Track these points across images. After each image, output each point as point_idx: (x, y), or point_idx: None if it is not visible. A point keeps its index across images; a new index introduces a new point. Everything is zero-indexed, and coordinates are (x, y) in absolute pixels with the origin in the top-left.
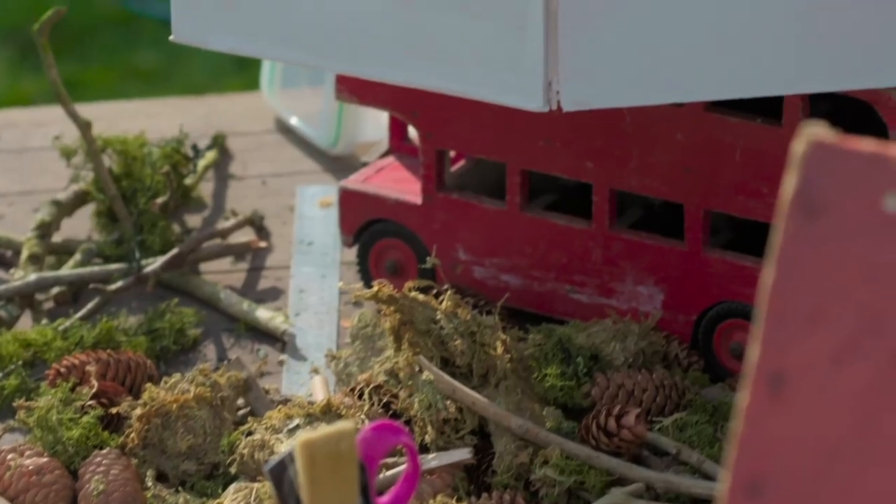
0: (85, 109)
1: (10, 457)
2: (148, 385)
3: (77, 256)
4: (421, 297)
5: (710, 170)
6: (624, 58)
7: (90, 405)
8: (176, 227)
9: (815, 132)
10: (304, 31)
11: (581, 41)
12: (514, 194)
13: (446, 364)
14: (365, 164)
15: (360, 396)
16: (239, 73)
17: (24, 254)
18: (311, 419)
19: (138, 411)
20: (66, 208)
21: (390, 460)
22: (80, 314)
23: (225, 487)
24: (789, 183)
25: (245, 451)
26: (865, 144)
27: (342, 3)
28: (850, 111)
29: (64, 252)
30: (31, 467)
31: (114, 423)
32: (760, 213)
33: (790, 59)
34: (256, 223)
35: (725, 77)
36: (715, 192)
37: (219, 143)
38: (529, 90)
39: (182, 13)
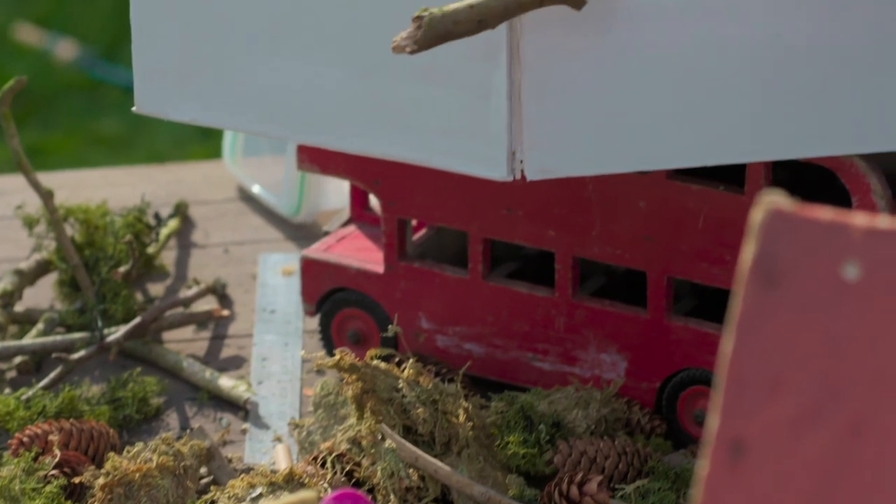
0: (47, 178)
1: None
2: (111, 454)
3: (39, 325)
4: (383, 365)
5: (672, 237)
6: (587, 127)
7: (53, 475)
8: (138, 296)
9: (773, 201)
10: (265, 101)
11: (544, 111)
12: (477, 263)
13: (409, 432)
14: (327, 233)
15: (323, 465)
16: (202, 140)
17: None
18: (274, 488)
19: (101, 480)
20: (28, 277)
21: None
22: (42, 383)
23: None
24: (748, 251)
25: None
26: (824, 213)
27: (303, 72)
28: (812, 177)
29: (26, 321)
30: None
31: (77, 493)
32: (723, 280)
33: (752, 126)
34: (219, 291)
35: (687, 145)
36: (677, 259)
37: (181, 211)
38: (493, 159)
39: (143, 84)
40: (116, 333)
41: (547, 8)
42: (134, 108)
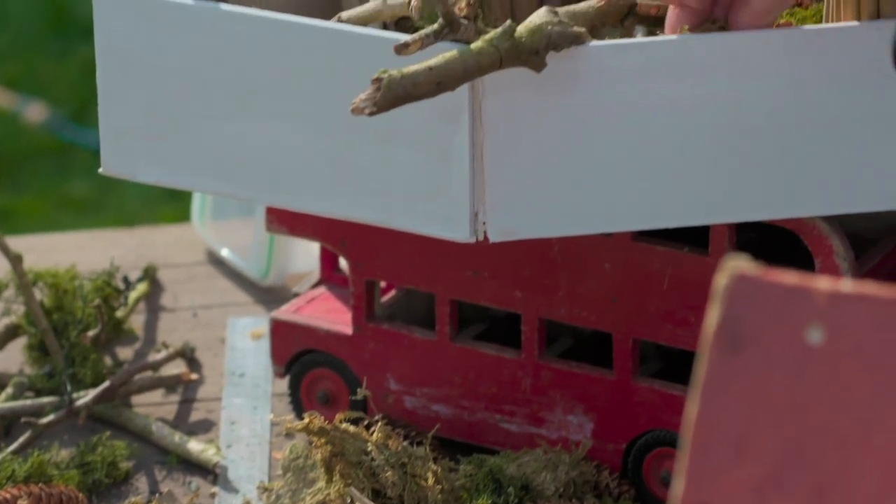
0: (16, 242)
1: None
2: None
3: (8, 390)
4: (352, 428)
5: (638, 299)
6: (550, 188)
7: None
8: (107, 360)
9: (737, 265)
10: (232, 163)
11: (507, 172)
12: (444, 324)
13: (378, 495)
14: (296, 295)
15: None
16: (171, 201)
17: None
18: None
19: None
20: None
21: None
22: (11, 448)
23: None
24: (712, 315)
25: None
26: (788, 277)
27: (269, 135)
28: (777, 239)
29: None
30: None
31: None
32: (688, 342)
33: (715, 189)
34: (187, 355)
35: (652, 207)
36: (643, 320)
37: (150, 275)
38: (455, 221)
39: (110, 146)
40: (85, 398)
41: (508, 70)
42: (101, 170)
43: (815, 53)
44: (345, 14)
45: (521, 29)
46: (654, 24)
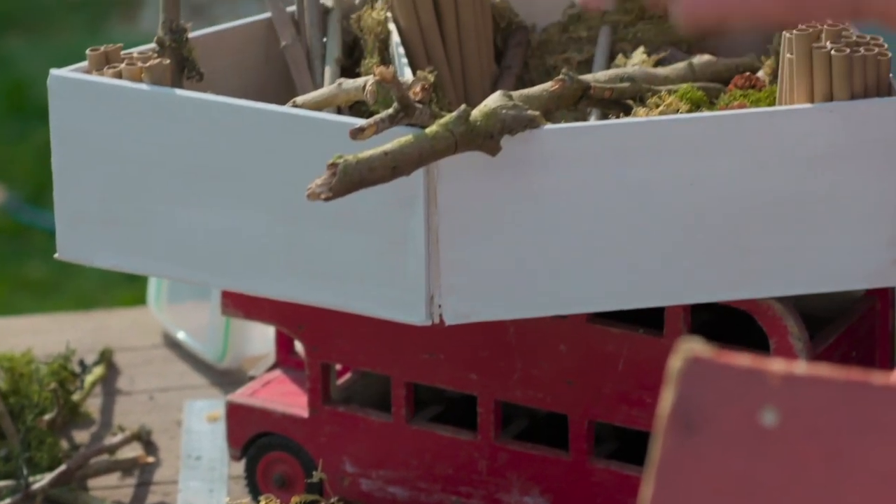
0: None
1: None
2: None
3: None
4: None
5: (593, 380)
6: (505, 271)
7: None
8: (64, 444)
9: (691, 348)
10: (188, 247)
11: (462, 256)
12: (400, 407)
13: None
14: (252, 378)
15: None
16: (129, 284)
17: None
18: None
19: None
20: None
21: None
22: None
23: None
24: (667, 398)
25: None
26: (741, 359)
27: (225, 219)
28: (732, 319)
29: None
30: None
31: None
32: (644, 423)
33: (670, 270)
34: (144, 438)
35: (607, 289)
36: (598, 402)
37: (106, 358)
38: (411, 304)
39: (66, 231)
40: (42, 481)
41: (463, 154)
42: (56, 255)
43: (769, 135)
44: (300, 99)
45: (476, 113)
46: (608, 106)
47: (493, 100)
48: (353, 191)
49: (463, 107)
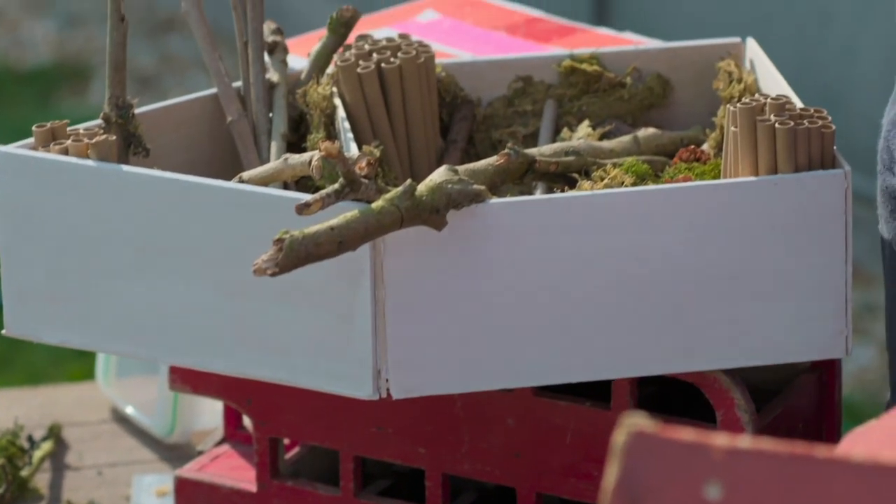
0: None
1: None
2: None
3: None
4: None
5: (541, 453)
6: (452, 345)
7: None
8: None
9: (635, 422)
10: (135, 323)
11: (408, 330)
12: (348, 481)
13: None
14: (201, 453)
15: None
16: (79, 358)
17: None
18: None
19: None
20: None
21: None
22: None
23: None
24: (611, 472)
25: None
26: (685, 433)
27: (172, 295)
28: (679, 391)
29: None
30: None
31: None
32: (592, 496)
33: (616, 343)
34: None
35: (553, 362)
36: (546, 475)
37: (55, 433)
38: (359, 379)
39: (13, 308)
40: None
41: (408, 228)
42: (3, 332)
43: (714, 208)
44: (246, 174)
45: (422, 187)
46: (553, 180)
47: (439, 174)
48: (300, 266)
49: (409, 181)
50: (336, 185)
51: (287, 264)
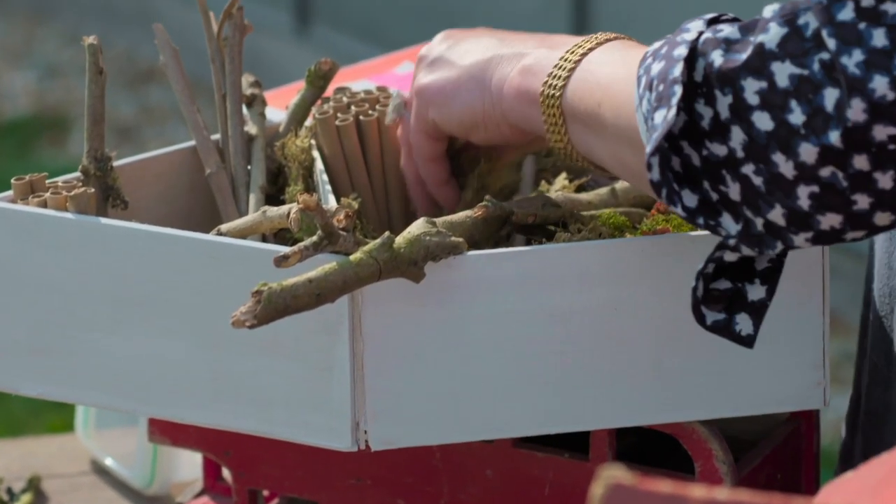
0: None
1: None
2: None
3: None
4: None
5: None
6: (431, 397)
7: None
8: None
9: (612, 474)
10: (114, 375)
11: (387, 382)
12: None
13: None
14: None
15: None
16: (59, 409)
17: None
18: None
19: None
20: None
21: None
22: None
23: None
24: None
25: None
26: (663, 485)
27: (150, 347)
28: (658, 442)
29: None
30: None
31: None
32: None
33: (594, 395)
34: None
35: (532, 414)
36: None
37: (34, 485)
38: (337, 431)
39: None
40: None
41: (386, 280)
42: None
43: (691, 260)
44: (224, 227)
45: (400, 240)
46: (531, 232)
47: (417, 227)
48: (278, 318)
49: (386, 234)
50: (314, 238)
51: (265, 316)
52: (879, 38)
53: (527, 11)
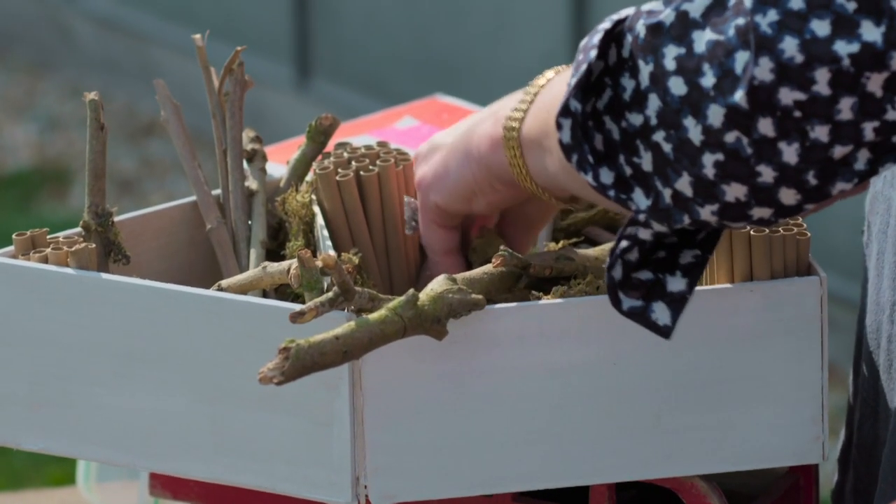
0: None
1: None
2: None
3: None
4: None
5: None
6: (431, 452)
7: None
8: None
9: None
10: (114, 429)
11: (387, 437)
12: None
13: None
14: None
15: None
16: (60, 462)
17: None
18: None
19: None
20: None
21: None
22: None
23: None
24: None
25: None
26: None
27: (151, 402)
28: (657, 495)
29: None
30: None
31: None
32: None
33: (594, 449)
34: None
35: (532, 468)
36: None
37: None
38: (338, 485)
39: None
40: None
41: None
42: None
43: (691, 314)
44: (225, 282)
45: (423, 297)
46: (541, 287)
47: (439, 284)
48: (305, 374)
49: (411, 291)
50: (330, 294)
51: (293, 373)
52: (797, 0)
53: (528, 63)
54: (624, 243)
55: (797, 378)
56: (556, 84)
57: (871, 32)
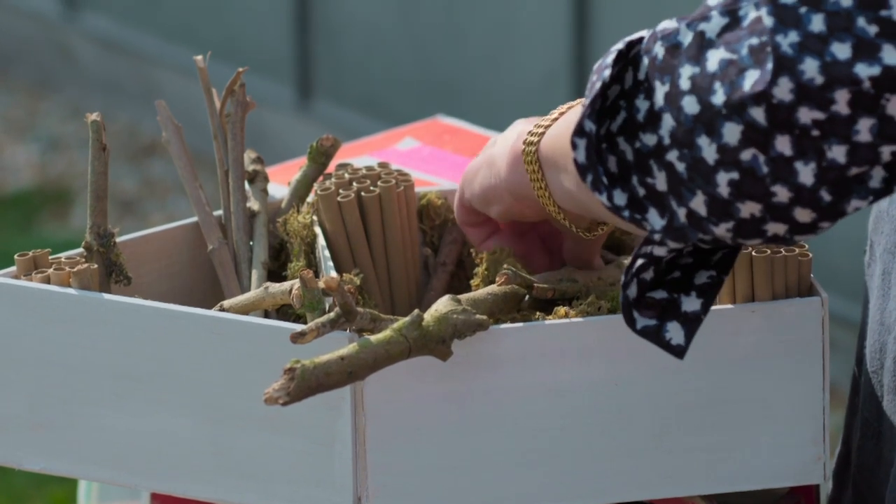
0: None
1: None
2: None
3: None
4: None
5: None
6: (432, 472)
7: None
8: None
9: None
10: (116, 450)
11: (389, 457)
12: None
13: None
14: None
15: None
16: (61, 481)
17: None
18: None
19: None
20: None
21: None
22: None
23: None
24: None
25: None
26: None
27: (152, 422)
28: None
29: None
30: None
31: None
32: None
33: (595, 469)
34: None
35: (532, 489)
36: None
37: None
38: None
39: None
40: None
41: None
42: None
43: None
44: (227, 303)
45: (428, 318)
46: (544, 308)
47: (444, 304)
48: (311, 395)
49: (416, 312)
50: (332, 315)
51: (298, 394)
52: (818, 23)
53: (530, 84)
54: (640, 262)
55: (798, 398)
56: (578, 107)
57: (893, 56)
